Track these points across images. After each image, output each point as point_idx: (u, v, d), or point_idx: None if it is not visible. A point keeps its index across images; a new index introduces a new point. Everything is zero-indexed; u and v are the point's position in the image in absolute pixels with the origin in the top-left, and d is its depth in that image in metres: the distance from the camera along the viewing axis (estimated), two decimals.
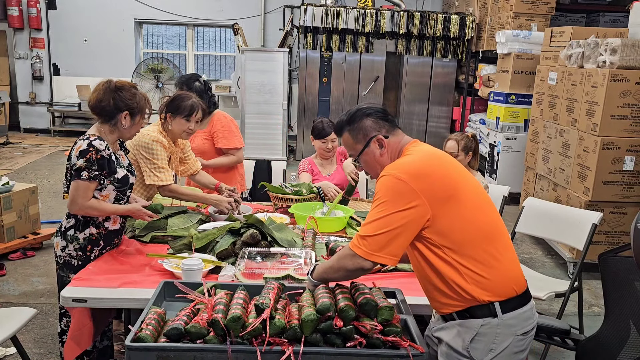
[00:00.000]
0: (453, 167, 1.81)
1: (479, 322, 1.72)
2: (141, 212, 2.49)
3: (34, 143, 9.16)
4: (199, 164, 3.34)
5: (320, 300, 1.64)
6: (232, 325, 1.55)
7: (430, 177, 1.72)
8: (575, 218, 3.18)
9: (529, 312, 1.78)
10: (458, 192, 1.74)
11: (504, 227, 1.83)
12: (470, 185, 1.79)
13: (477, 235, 1.73)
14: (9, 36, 9.76)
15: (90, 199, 2.35)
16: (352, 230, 2.93)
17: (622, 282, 2.07)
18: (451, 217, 1.71)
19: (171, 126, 3.03)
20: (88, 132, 2.43)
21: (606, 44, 4.31)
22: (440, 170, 1.76)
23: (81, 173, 2.30)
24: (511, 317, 1.73)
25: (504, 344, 1.72)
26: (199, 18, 9.84)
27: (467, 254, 1.71)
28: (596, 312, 3.89)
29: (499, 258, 1.74)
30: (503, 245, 1.78)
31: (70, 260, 2.43)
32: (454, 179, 1.76)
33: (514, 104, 6.33)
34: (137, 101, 2.42)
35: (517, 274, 1.78)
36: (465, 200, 1.74)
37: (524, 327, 1.75)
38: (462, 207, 1.73)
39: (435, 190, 1.70)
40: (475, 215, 1.75)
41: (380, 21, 7.87)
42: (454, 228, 1.71)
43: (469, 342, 1.73)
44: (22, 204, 4.45)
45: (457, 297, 1.73)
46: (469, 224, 1.72)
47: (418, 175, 1.71)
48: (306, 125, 8.40)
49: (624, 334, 2.05)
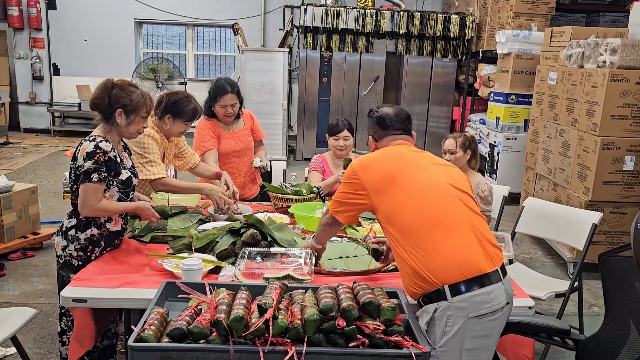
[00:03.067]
0: (402, 162, 2.06)
1: (434, 306, 1.84)
2: (150, 211, 2.51)
3: (34, 143, 9.16)
4: (197, 157, 3.34)
5: (323, 300, 1.64)
6: (234, 325, 1.55)
7: (372, 169, 2.04)
8: (575, 218, 3.18)
9: (483, 295, 1.83)
10: (396, 183, 1.98)
11: (455, 216, 1.94)
12: (417, 178, 2.00)
13: (419, 224, 1.91)
14: (9, 36, 9.76)
15: (100, 200, 2.35)
16: (352, 230, 2.93)
17: (622, 282, 2.07)
18: (393, 205, 1.96)
19: (169, 127, 3.02)
20: (93, 132, 2.42)
21: (606, 44, 4.31)
22: (385, 163, 2.05)
23: (91, 175, 2.28)
24: (461, 299, 1.82)
25: (456, 326, 1.81)
26: (199, 18, 9.84)
27: (413, 241, 1.89)
28: (596, 312, 3.89)
29: (443, 245, 1.87)
30: (456, 232, 1.90)
31: (70, 260, 2.42)
32: (396, 170, 2.01)
33: (514, 104, 6.33)
34: (132, 99, 2.38)
35: (465, 259, 1.86)
36: (406, 190, 1.96)
37: (478, 310, 1.82)
38: (403, 197, 1.95)
39: (375, 181, 2.01)
40: (418, 205, 1.93)
41: (380, 21, 7.87)
42: (397, 216, 1.94)
43: (426, 327, 1.85)
44: (22, 204, 4.45)
45: (418, 281, 1.87)
46: (411, 213, 1.92)
47: (364, 167, 2.06)
48: (306, 125, 8.40)
49: (624, 334, 2.05)
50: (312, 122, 8.40)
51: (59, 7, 9.68)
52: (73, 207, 2.44)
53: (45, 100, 10.00)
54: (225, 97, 3.39)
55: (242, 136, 3.62)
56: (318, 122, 8.38)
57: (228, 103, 3.42)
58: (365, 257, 2.54)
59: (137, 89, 2.45)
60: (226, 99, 3.40)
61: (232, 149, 3.57)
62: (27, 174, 7.08)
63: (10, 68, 9.88)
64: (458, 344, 1.82)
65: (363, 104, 8.36)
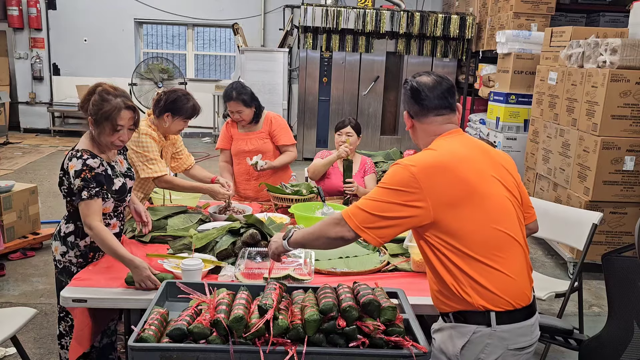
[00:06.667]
0: (475, 171, 1.73)
1: (472, 329, 1.69)
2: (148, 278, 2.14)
3: (33, 143, 9.16)
4: (192, 159, 3.37)
5: (323, 300, 1.64)
6: (234, 325, 1.55)
7: (442, 178, 1.67)
8: (575, 218, 3.18)
9: (526, 328, 1.73)
10: (473, 198, 1.68)
11: (521, 242, 1.77)
12: (491, 192, 1.73)
13: (487, 241, 1.68)
14: (9, 36, 9.76)
15: (98, 217, 2.26)
16: None
17: (626, 282, 2.07)
18: (462, 220, 1.67)
19: (168, 125, 3.03)
20: (79, 145, 2.34)
21: (606, 44, 4.31)
22: (457, 172, 1.69)
23: (82, 193, 2.23)
24: (505, 329, 1.69)
25: (493, 356, 1.69)
26: (199, 18, 9.84)
27: (471, 257, 1.67)
28: (596, 312, 3.89)
29: (505, 268, 1.69)
30: (514, 257, 1.72)
31: (70, 267, 2.40)
32: (471, 184, 1.69)
33: (514, 104, 6.33)
34: (101, 108, 2.24)
35: (521, 289, 1.72)
36: (482, 206, 1.69)
37: (518, 343, 1.71)
38: (476, 212, 1.68)
39: (445, 193, 1.66)
40: (491, 222, 1.69)
41: (380, 21, 7.87)
42: (463, 230, 1.67)
43: (460, 349, 1.71)
44: (22, 204, 4.45)
45: (453, 297, 1.72)
46: (481, 228, 1.68)
47: (429, 173, 1.67)
48: (306, 125, 8.40)
49: (628, 334, 2.05)
50: (312, 122, 8.39)
51: (59, 7, 9.68)
52: (69, 212, 2.42)
53: (45, 100, 10.00)
54: (229, 103, 3.49)
55: (255, 139, 3.62)
56: (318, 122, 8.38)
57: (233, 109, 3.50)
58: (365, 257, 2.54)
59: (117, 98, 2.27)
60: (230, 105, 3.49)
61: (241, 150, 3.61)
62: (27, 174, 7.08)
63: (10, 68, 9.88)
64: None
65: (363, 104, 8.36)
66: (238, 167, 3.67)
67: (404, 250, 2.59)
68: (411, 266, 2.44)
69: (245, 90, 3.48)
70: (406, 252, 2.56)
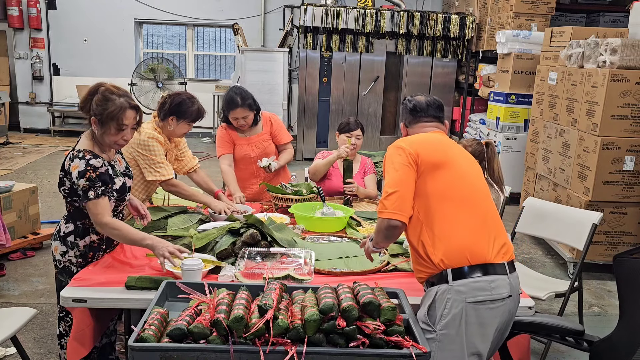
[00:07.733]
0: (448, 146, 2.08)
1: (435, 289, 1.89)
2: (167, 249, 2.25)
3: (34, 143, 9.16)
4: (196, 161, 3.34)
5: (323, 300, 1.64)
6: (234, 325, 1.55)
7: (423, 144, 2.02)
8: (575, 218, 3.18)
9: (483, 283, 1.86)
10: (447, 162, 1.99)
11: (485, 203, 2.00)
12: (461, 161, 2.05)
13: (452, 194, 1.94)
14: (9, 36, 9.76)
15: (109, 213, 2.27)
16: (352, 230, 2.93)
17: (637, 284, 2.05)
18: (436, 181, 1.95)
19: (173, 128, 3.03)
20: (79, 145, 2.34)
21: (606, 44, 4.31)
22: (434, 142, 2.05)
23: (88, 193, 2.24)
24: (461, 283, 1.86)
25: (453, 310, 1.85)
26: (199, 18, 9.84)
27: (436, 208, 1.92)
28: (596, 312, 3.89)
29: (464, 222, 1.91)
30: (474, 215, 1.94)
31: (70, 267, 2.40)
32: (445, 151, 2.03)
33: (514, 104, 6.33)
34: (106, 108, 2.24)
35: (475, 246, 1.89)
36: (453, 168, 1.98)
37: (476, 297, 1.85)
38: (447, 173, 1.97)
39: (430, 155, 1.98)
40: (457, 181, 1.97)
41: (380, 21, 7.87)
42: (434, 188, 1.94)
43: (427, 310, 1.90)
44: (22, 204, 4.45)
45: (423, 261, 1.93)
46: (448, 184, 1.95)
47: (411, 142, 2.03)
48: (306, 125, 8.40)
49: (639, 336, 2.03)
50: (312, 122, 8.39)
51: (59, 7, 9.69)
52: (68, 211, 2.42)
53: (45, 100, 10.00)
54: (235, 111, 3.37)
55: (259, 142, 3.58)
56: (318, 122, 8.38)
57: (239, 116, 3.40)
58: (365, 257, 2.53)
59: (120, 98, 2.28)
60: (236, 113, 3.37)
61: (246, 155, 3.55)
62: (27, 174, 7.08)
63: (10, 68, 9.88)
64: (456, 328, 1.85)
65: (363, 104, 8.36)
66: (242, 172, 3.58)
67: (404, 250, 2.59)
68: (411, 266, 2.43)
69: (247, 94, 3.41)
70: (406, 252, 2.56)
